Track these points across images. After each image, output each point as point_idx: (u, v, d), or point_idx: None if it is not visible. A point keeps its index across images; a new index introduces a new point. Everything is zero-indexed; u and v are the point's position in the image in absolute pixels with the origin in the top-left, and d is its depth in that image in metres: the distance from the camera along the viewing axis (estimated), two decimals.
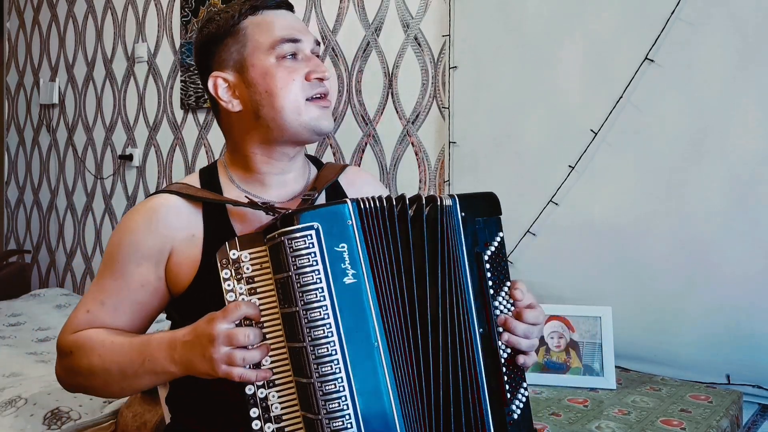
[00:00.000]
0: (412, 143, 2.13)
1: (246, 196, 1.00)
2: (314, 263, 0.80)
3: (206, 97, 2.71)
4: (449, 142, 1.99)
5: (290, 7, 1.07)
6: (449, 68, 1.99)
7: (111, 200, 3.22)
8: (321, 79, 1.01)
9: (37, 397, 1.78)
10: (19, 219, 3.80)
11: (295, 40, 1.01)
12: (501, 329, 0.91)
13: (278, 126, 1.00)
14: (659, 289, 1.62)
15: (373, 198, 0.87)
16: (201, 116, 2.80)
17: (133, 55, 3.09)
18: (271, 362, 0.82)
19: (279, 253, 0.81)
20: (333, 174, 1.12)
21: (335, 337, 0.80)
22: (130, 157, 3.10)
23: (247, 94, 1.00)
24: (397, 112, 2.17)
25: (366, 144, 2.25)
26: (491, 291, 0.91)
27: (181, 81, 2.83)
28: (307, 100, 1.00)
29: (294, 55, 1.01)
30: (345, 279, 0.82)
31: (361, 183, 1.17)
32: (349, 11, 2.29)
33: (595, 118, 1.70)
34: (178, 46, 2.87)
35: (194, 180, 1.07)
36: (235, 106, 1.02)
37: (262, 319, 0.83)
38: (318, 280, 0.80)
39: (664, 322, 1.61)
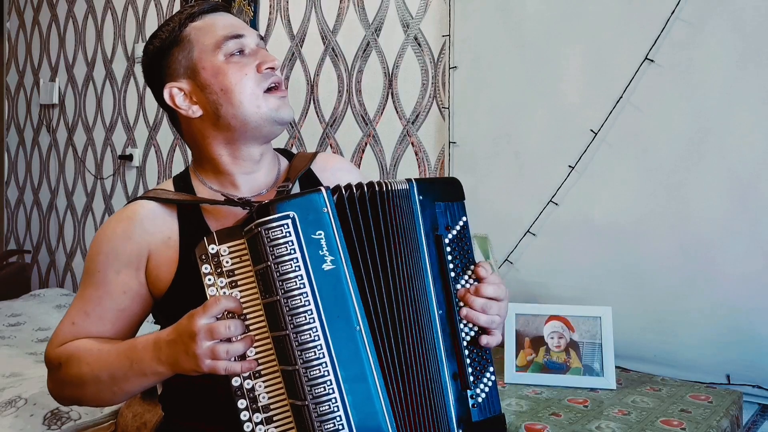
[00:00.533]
0: (412, 143, 2.13)
1: (222, 194, 1.02)
2: (292, 251, 0.81)
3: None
4: (449, 142, 1.99)
5: (227, 9, 1.10)
6: (449, 68, 1.99)
7: (111, 200, 3.22)
8: (272, 68, 1.02)
9: (37, 397, 1.78)
10: (19, 219, 3.80)
11: (238, 36, 1.03)
12: (461, 305, 0.92)
13: (240, 122, 1.01)
14: (659, 289, 1.62)
15: (346, 186, 0.89)
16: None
17: (133, 55, 3.09)
18: (256, 353, 0.83)
19: (257, 244, 0.82)
20: (304, 163, 1.13)
21: (317, 323, 0.81)
22: (130, 157, 3.10)
23: (204, 98, 1.01)
24: (397, 112, 2.17)
25: (366, 144, 2.25)
26: (452, 273, 0.92)
27: None
28: (264, 92, 1.01)
29: (241, 52, 1.02)
30: (323, 266, 0.83)
31: (334, 168, 1.18)
32: (349, 11, 2.29)
33: (595, 118, 1.70)
34: None
35: (168, 185, 1.09)
36: (195, 111, 1.03)
37: (245, 311, 0.84)
38: (297, 268, 0.81)
39: (664, 322, 1.61)
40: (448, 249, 0.92)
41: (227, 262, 0.84)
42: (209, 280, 0.84)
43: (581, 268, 1.73)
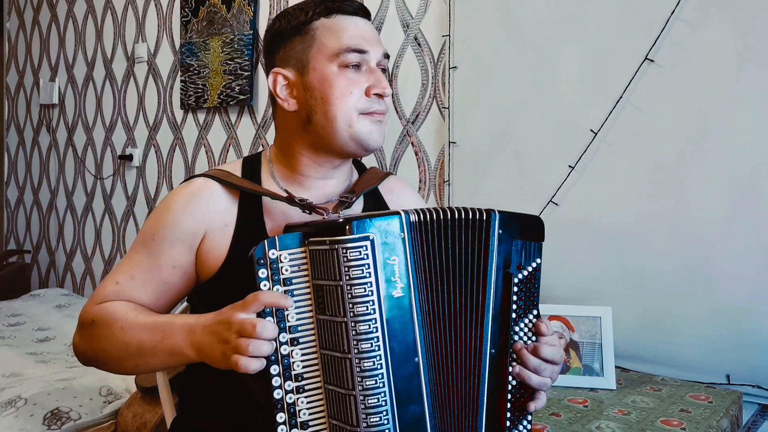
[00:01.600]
0: (412, 143, 2.13)
1: (285, 190, 1.00)
2: (368, 275, 0.79)
3: (206, 97, 2.71)
4: (449, 142, 1.99)
5: (367, 15, 1.04)
6: (449, 68, 1.99)
7: (111, 200, 3.22)
8: (380, 96, 0.99)
9: (37, 397, 1.78)
10: (19, 219, 3.80)
11: (361, 51, 0.98)
12: (515, 356, 0.89)
13: (327, 134, 0.99)
14: (659, 289, 1.62)
15: (422, 210, 0.86)
16: (201, 116, 2.80)
17: (133, 55, 3.09)
18: (302, 367, 0.81)
19: (328, 260, 0.79)
20: (374, 180, 1.11)
21: (382, 351, 0.79)
22: (130, 157, 3.10)
23: (303, 96, 1.00)
24: (397, 112, 2.17)
25: None
26: (514, 315, 0.89)
27: (181, 81, 2.83)
28: (360, 114, 0.98)
29: (358, 66, 0.99)
30: (393, 292, 0.81)
31: (399, 191, 1.16)
32: None
33: (595, 118, 1.70)
34: (178, 46, 2.87)
35: (236, 168, 1.06)
36: (290, 105, 1.01)
37: (296, 321, 0.81)
38: (370, 293, 0.79)
39: (664, 322, 1.61)
40: (515, 289, 0.89)
41: (286, 270, 0.82)
42: (264, 285, 0.81)
43: (581, 268, 1.73)
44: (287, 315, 0.81)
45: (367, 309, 0.79)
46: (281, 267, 0.81)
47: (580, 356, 1.52)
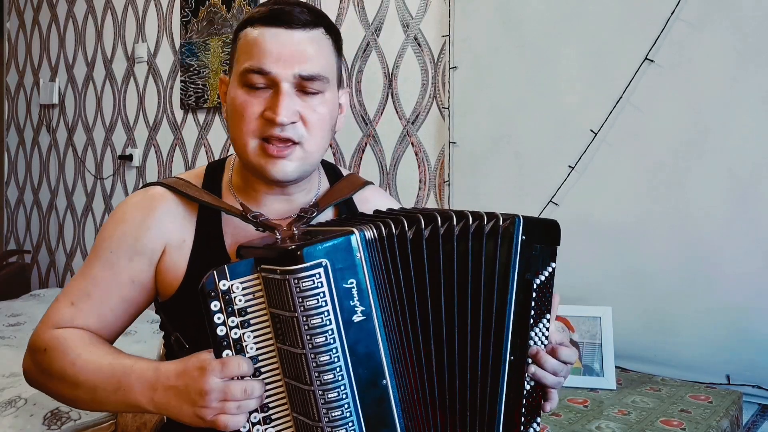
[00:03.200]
0: (412, 143, 2.13)
1: (240, 204, 0.92)
2: (323, 303, 0.74)
3: (206, 97, 2.71)
4: (449, 143, 1.99)
5: (291, 21, 0.88)
6: (449, 68, 1.99)
7: (111, 200, 3.22)
8: (274, 123, 0.86)
9: (37, 397, 1.77)
10: (19, 219, 3.79)
11: (261, 72, 0.87)
12: (530, 361, 0.87)
13: (240, 157, 0.93)
14: (659, 289, 1.62)
15: (384, 223, 0.79)
16: (201, 116, 2.80)
17: (133, 55, 3.09)
18: (268, 396, 0.78)
19: (281, 290, 0.75)
20: (347, 190, 1.02)
21: (346, 380, 0.75)
22: (130, 157, 3.10)
23: (227, 115, 0.94)
24: (397, 112, 2.16)
25: (366, 144, 2.25)
26: (531, 321, 0.87)
27: (181, 81, 2.83)
28: (260, 139, 0.88)
29: (267, 87, 0.88)
30: (354, 317, 0.76)
31: (376, 201, 1.05)
32: (349, 11, 2.29)
33: (595, 118, 1.70)
34: (178, 46, 2.87)
35: (198, 176, 1.00)
36: (224, 112, 0.96)
37: (257, 352, 0.77)
38: (328, 322, 0.74)
39: (664, 322, 1.61)
40: (534, 295, 0.86)
41: (239, 300, 0.77)
42: (218, 318, 0.76)
43: (581, 268, 1.73)
44: (246, 345, 0.77)
45: (327, 339, 0.74)
46: (234, 297, 0.76)
47: (580, 356, 1.52)
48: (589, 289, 1.71)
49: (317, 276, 0.74)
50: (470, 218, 0.82)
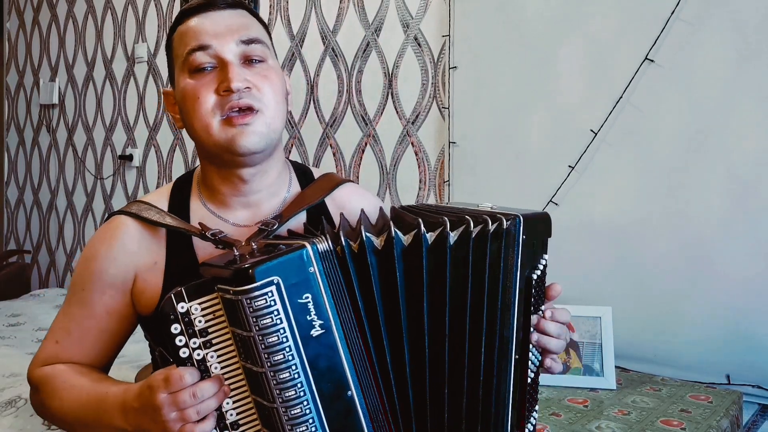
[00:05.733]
0: (412, 143, 2.13)
1: (199, 223, 0.91)
2: (278, 321, 0.73)
3: None
4: (449, 142, 1.99)
5: (223, 5, 0.91)
6: (449, 68, 1.99)
7: (111, 200, 3.22)
8: (230, 91, 0.86)
9: None
10: (19, 219, 3.80)
11: (201, 48, 0.87)
12: (532, 330, 0.86)
13: (200, 146, 0.92)
14: (659, 289, 1.62)
15: (336, 235, 0.78)
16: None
17: (133, 55, 3.09)
18: (237, 414, 0.78)
19: (236, 311, 0.74)
20: (319, 193, 0.99)
21: (308, 395, 0.75)
22: (130, 158, 3.10)
23: (181, 112, 0.94)
24: (397, 112, 2.16)
25: (366, 144, 2.25)
26: (533, 317, 0.86)
27: None
28: (221, 118, 0.87)
29: (213, 67, 0.88)
30: (312, 332, 0.75)
31: (354, 207, 0.97)
32: (349, 11, 2.29)
33: (595, 118, 1.70)
34: None
35: (163, 197, 0.99)
36: (178, 122, 0.95)
37: (223, 371, 0.77)
38: (284, 339, 0.73)
39: (664, 322, 1.61)
40: (533, 291, 0.85)
41: (200, 321, 0.76)
42: (180, 340, 0.76)
43: (581, 268, 1.73)
44: (210, 366, 0.77)
45: (285, 357, 0.73)
46: (194, 318, 0.76)
47: (580, 356, 1.52)
48: (589, 289, 1.71)
49: (269, 294, 0.73)
50: (471, 222, 0.80)
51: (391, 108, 2.18)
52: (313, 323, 0.75)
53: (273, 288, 0.73)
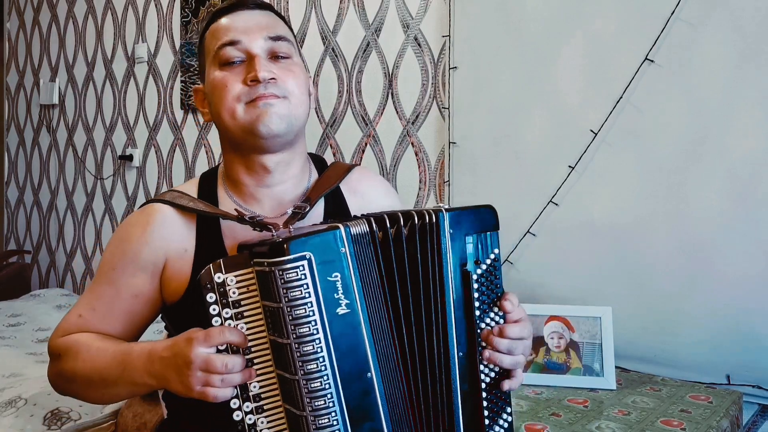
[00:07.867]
0: (412, 143, 2.13)
1: (236, 209, 0.95)
2: (307, 295, 0.77)
3: None
4: (449, 143, 1.99)
5: (259, 6, 1.00)
6: (449, 68, 1.99)
7: (111, 200, 3.22)
8: (255, 81, 0.93)
9: (37, 398, 1.77)
10: (19, 219, 3.80)
11: (232, 43, 0.95)
12: (483, 344, 0.87)
13: (225, 132, 0.98)
14: (659, 289, 1.62)
15: (368, 219, 0.84)
16: (201, 117, 2.80)
17: (133, 55, 3.09)
18: (260, 387, 0.80)
19: (268, 282, 0.78)
20: (334, 179, 1.05)
21: (329, 371, 0.78)
22: (130, 158, 3.10)
23: (210, 105, 1.00)
24: (397, 112, 2.17)
25: (366, 144, 2.25)
26: (478, 312, 0.87)
27: (181, 81, 2.83)
28: (245, 104, 0.94)
29: (242, 60, 0.95)
30: (338, 309, 0.79)
31: (366, 190, 1.10)
32: (349, 11, 2.29)
33: (595, 118, 1.70)
34: (178, 46, 2.87)
35: (192, 187, 1.05)
36: (206, 116, 1.02)
37: (250, 343, 0.80)
38: (311, 313, 0.77)
39: (664, 322, 1.61)
40: (476, 285, 0.87)
41: (234, 293, 0.80)
42: (213, 309, 0.80)
43: (581, 268, 1.73)
44: None
45: (310, 330, 0.77)
46: (229, 290, 0.80)
47: (580, 356, 1.52)
48: (589, 289, 1.71)
49: (300, 268, 0.77)
50: (410, 217, 0.85)
51: (391, 108, 2.18)
52: (340, 301, 0.80)
53: (305, 263, 0.77)
